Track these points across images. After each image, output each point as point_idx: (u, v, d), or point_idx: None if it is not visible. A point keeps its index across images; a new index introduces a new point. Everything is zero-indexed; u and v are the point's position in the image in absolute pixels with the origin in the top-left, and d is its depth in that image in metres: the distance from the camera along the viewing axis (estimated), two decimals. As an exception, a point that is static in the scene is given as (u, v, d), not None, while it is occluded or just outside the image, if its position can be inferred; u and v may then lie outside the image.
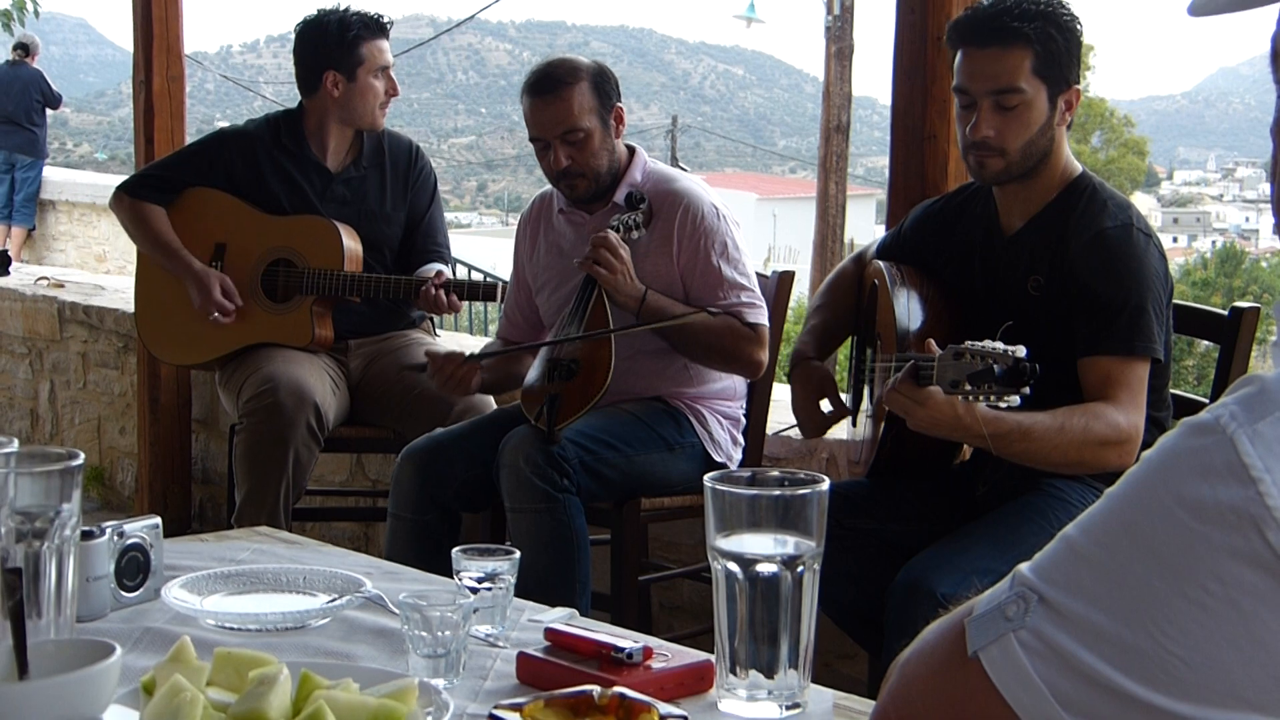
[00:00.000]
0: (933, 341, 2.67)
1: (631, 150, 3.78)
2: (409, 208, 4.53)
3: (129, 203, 4.54)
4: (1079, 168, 3.02)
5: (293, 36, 4.48)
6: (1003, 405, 2.55)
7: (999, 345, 2.51)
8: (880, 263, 3.25)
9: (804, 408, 3.36)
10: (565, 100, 3.60)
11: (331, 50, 4.37)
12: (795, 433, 4.22)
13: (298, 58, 4.45)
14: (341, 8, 4.42)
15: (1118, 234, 2.87)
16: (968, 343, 2.54)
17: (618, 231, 3.55)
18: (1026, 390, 2.50)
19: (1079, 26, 2.95)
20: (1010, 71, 2.89)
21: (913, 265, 3.21)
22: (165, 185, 4.55)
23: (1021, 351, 2.49)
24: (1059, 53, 2.90)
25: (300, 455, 4.13)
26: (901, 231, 3.35)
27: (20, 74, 13.70)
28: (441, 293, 4.20)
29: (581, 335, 3.56)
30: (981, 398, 2.55)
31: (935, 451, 3.09)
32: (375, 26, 4.39)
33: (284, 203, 4.43)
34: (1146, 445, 2.70)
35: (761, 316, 3.65)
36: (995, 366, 2.49)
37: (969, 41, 2.95)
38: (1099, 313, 2.82)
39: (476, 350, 3.89)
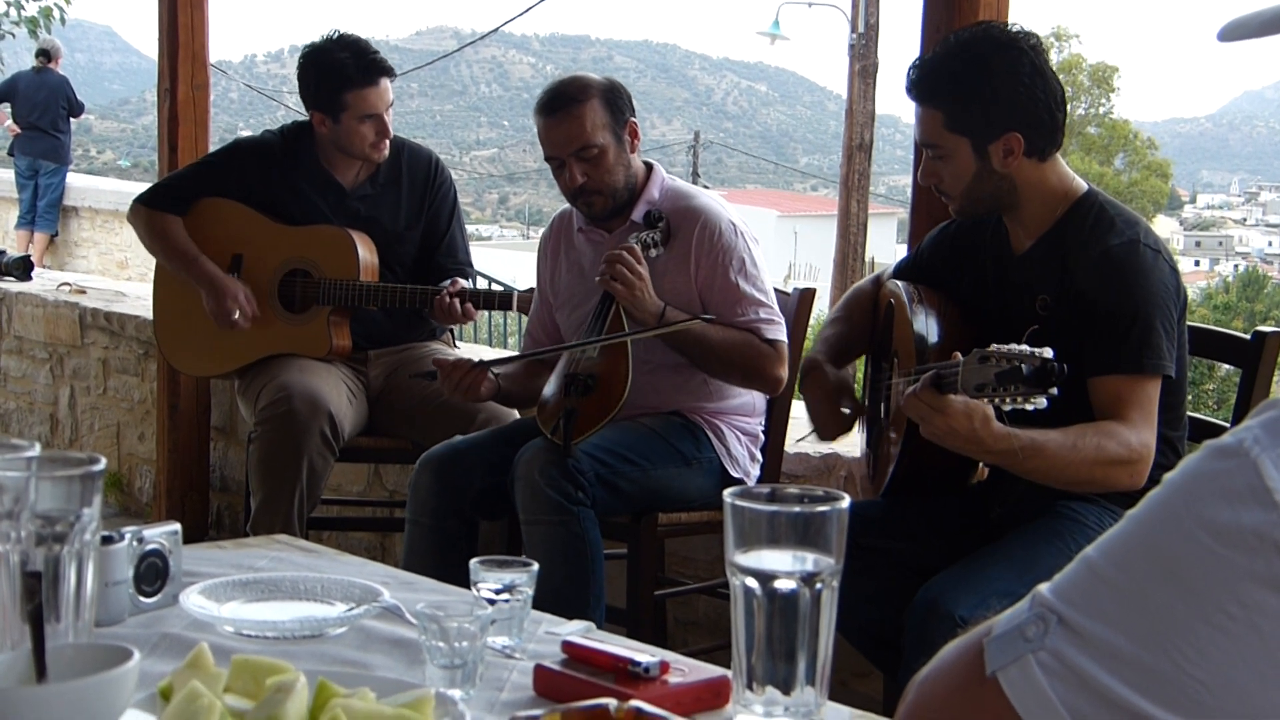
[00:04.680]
0: (958, 352, 2.64)
1: (649, 167, 3.78)
2: (428, 224, 4.50)
3: (145, 214, 4.55)
4: (1084, 186, 2.98)
5: None
6: (1029, 407, 2.52)
7: (1025, 347, 2.49)
8: (897, 282, 3.25)
9: (822, 412, 3.34)
10: (577, 118, 3.60)
11: (315, 94, 4.35)
12: (809, 447, 4.22)
13: (298, 84, 4.42)
14: (338, 44, 4.32)
15: (1124, 250, 2.84)
16: (994, 346, 2.53)
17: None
18: (1054, 391, 2.47)
19: (1000, 78, 2.88)
20: (927, 129, 2.99)
21: (930, 285, 3.20)
22: (181, 195, 4.56)
23: (1049, 352, 2.46)
24: (972, 108, 2.90)
25: (315, 464, 4.14)
26: (920, 253, 3.35)
27: (46, 80, 13.76)
28: (456, 301, 4.18)
29: (594, 340, 3.56)
30: (1008, 399, 2.52)
31: (952, 467, 3.08)
32: (364, 74, 4.28)
33: (297, 217, 4.43)
34: (1160, 465, 2.70)
35: (780, 333, 3.64)
36: (1023, 366, 2.47)
37: (909, 97, 3.05)
38: (1107, 331, 2.80)
39: (487, 358, 3.88)
